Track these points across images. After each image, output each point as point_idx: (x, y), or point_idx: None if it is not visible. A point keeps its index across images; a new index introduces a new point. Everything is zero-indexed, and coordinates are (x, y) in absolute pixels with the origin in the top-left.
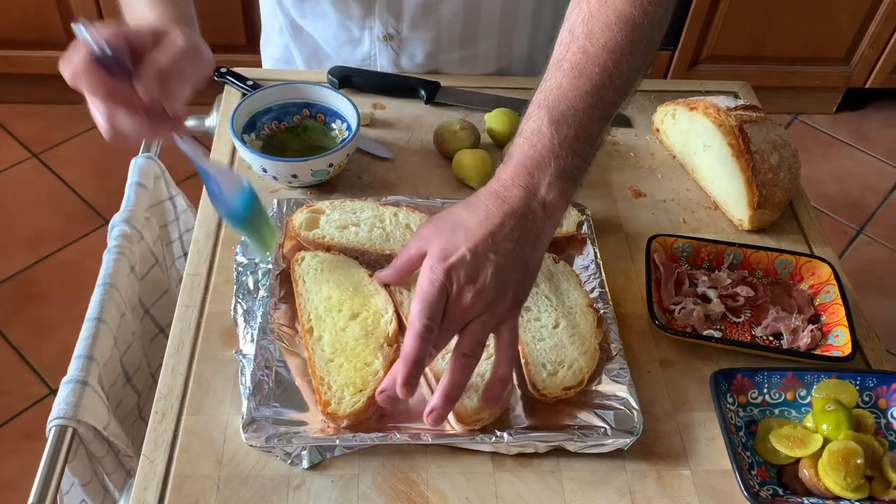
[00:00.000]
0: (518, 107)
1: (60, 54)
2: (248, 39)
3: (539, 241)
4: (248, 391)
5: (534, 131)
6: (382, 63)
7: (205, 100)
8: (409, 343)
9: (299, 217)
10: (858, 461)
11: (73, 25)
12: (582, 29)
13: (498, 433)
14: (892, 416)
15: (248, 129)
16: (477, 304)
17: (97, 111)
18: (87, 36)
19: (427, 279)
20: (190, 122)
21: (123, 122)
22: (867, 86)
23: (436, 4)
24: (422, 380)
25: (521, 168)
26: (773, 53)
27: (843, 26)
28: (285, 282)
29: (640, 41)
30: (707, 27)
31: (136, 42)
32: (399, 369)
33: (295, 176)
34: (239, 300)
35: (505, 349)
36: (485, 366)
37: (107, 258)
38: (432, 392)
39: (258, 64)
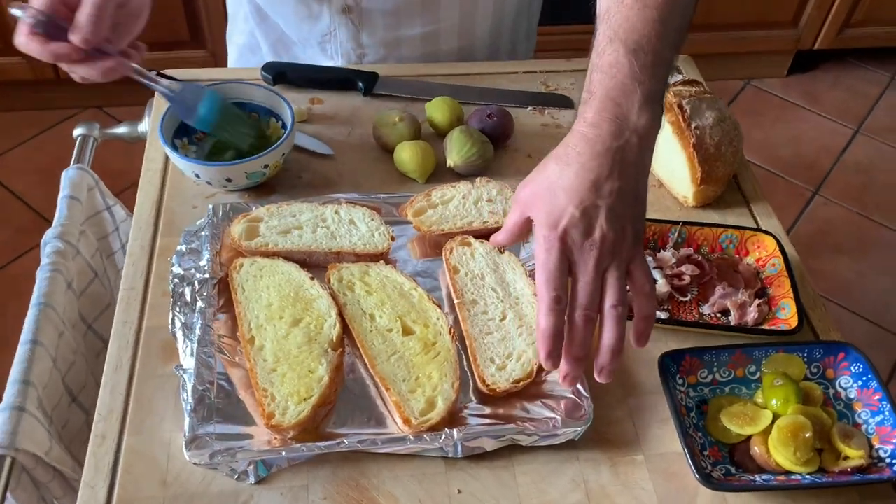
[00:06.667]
0: (458, 94)
1: None
2: (191, 34)
3: (640, 169)
4: (189, 407)
5: (612, 64)
6: (342, 39)
7: (140, 102)
8: (542, 318)
9: (237, 228)
10: (807, 435)
11: (9, 9)
12: None
13: (447, 431)
14: (839, 385)
15: (181, 133)
16: (603, 254)
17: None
18: (21, 14)
19: (543, 249)
20: (122, 129)
21: (80, 71)
22: (815, 47)
23: None
24: (367, 379)
25: (606, 100)
26: (722, 20)
27: None
28: (224, 291)
29: None
30: None
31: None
32: (540, 345)
33: (229, 180)
34: (177, 313)
35: (642, 286)
36: (433, 368)
37: (40, 276)
38: (378, 390)
39: (203, 59)
